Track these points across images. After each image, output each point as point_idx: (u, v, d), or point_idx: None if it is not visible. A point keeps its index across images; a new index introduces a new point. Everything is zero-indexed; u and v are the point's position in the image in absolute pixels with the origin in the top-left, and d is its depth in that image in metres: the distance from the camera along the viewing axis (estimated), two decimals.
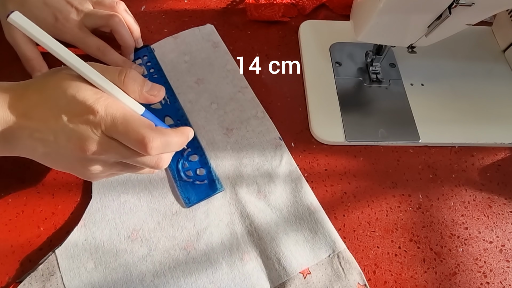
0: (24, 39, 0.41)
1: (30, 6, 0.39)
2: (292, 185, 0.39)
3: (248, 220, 0.37)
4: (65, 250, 0.34)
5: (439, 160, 0.42)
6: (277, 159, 0.40)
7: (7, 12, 0.35)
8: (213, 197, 0.38)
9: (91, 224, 0.35)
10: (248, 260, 0.35)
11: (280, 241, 0.35)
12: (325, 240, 0.36)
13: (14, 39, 0.41)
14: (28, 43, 0.41)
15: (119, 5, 0.43)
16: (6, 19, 0.27)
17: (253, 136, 0.41)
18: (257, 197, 0.38)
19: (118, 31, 0.42)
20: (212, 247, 0.35)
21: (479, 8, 0.33)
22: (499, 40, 0.51)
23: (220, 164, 0.39)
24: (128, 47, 0.44)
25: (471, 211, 0.39)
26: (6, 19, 0.26)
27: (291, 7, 0.52)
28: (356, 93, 0.45)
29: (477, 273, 0.36)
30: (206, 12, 0.51)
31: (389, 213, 0.39)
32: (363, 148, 0.42)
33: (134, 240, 0.35)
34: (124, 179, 0.38)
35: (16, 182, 0.38)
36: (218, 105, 0.43)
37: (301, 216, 0.37)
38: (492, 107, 0.45)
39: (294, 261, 0.35)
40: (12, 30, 0.40)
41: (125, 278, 0.33)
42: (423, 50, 0.41)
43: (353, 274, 0.35)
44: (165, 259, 0.35)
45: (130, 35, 0.43)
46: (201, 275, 0.34)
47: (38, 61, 0.42)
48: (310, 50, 0.48)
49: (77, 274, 0.33)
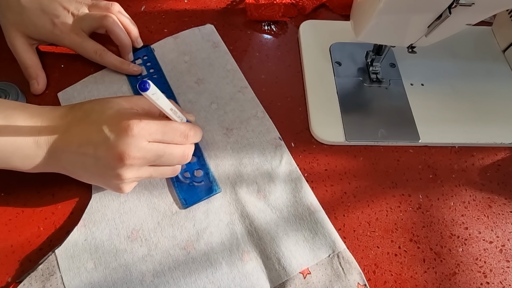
0: (23, 47, 0.41)
1: (28, 13, 0.40)
2: (292, 185, 0.39)
3: (248, 220, 0.37)
4: (65, 250, 0.34)
5: (439, 160, 0.42)
6: (277, 159, 0.40)
7: (5, 19, 0.40)
8: (213, 197, 0.38)
9: (91, 224, 0.35)
10: (248, 260, 0.35)
11: (280, 241, 0.35)
12: (325, 240, 0.36)
13: (13, 46, 0.41)
14: (28, 51, 0.42)
15: (114, 6, 0.44)
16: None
17: (253, 136, 0.41)
18: (257, 197, 0.38)
19: (113, 31, 0.43)
20: (212, 247, 0.35)
21: (479, 8, 0.33)
22: (499, 40, 0.51)
23: (220, 164, 0.39)
24: (125, 47, 0.44)
25: (471, 211, 0.39)
26: (141, 93, 0.28)
27: (291, 7, 0.52)
28: (356, 93, 0.45)
29: (477, 273, 0.36)
30: (206, 12, 0.51)
31: (389, 213, 0.39)
32: (363, 148, 0.42)
33: (134, 240, 0.35)
34: None
35: (16, 182, 0.37)
36: (218, 105, 0.43)
37: (301, 216, 0.37)
38: (492, 107, 0.45)
39: (294, 261, 0.35)
40: (11, 37, 0.41)
41: (125, 278, 0.33)
42: (423, 50, 0.41)
43: (353, 274, 0.35)
44: (165, 259, 0.35)
45: (126, 34, 0.44)
46: (201, 275, 0.34)
47: (36, 69, 0.42)
48: (310, 50, 0.48)
49: (77, 274, 0.33)
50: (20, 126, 0.31)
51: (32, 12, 0.40)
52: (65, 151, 0.31)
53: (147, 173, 0.33)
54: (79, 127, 0.31)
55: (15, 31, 0.41)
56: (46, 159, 0.31)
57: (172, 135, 0.33)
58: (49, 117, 0.32)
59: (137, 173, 0.32)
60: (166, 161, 0.33)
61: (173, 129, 0.33)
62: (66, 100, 0.42)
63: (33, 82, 0.42)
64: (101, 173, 0.32)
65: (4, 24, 0.41)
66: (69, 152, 0.31)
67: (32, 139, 0.31)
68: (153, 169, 0.34)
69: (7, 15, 0.40)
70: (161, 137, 0.32)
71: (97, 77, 0.44)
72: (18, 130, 0.31)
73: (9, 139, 0.30)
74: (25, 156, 0.31)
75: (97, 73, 0.44)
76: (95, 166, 0.31)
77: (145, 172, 0.33)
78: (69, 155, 0.31)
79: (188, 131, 0.34)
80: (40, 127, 0.31)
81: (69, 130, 0.31)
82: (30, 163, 0.32)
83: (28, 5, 0.40)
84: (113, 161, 0.30)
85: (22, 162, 0.31)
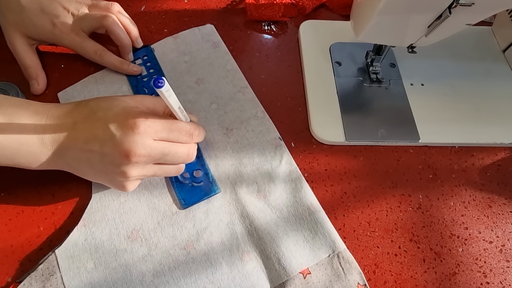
0: (23, 47, 0.41)
1: (28, 13, 0.40)
2: (292, 185, 0.39)
3: (248, 220, 0.37)
4: (65, 250, 0.34)
5: (439, 160, 0.42)
6: (277, 159, 0.40)
7: (5, 19, 0.40)
8: (213, 197, 0.38)
9: (91, 224, 0.35)
10: (248, 260, 0.35)
11: (280, 241, 0.35)
12: (325, 240, 0.36)
13: (13, 46, 0.41)
14: (27, 51, 0.42)
15: (114, 6, 0.44)
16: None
17: (253, 136, 0.41)
18: (257, 197, 0.38)
19: (113, 31, 0.43)
20: (212, 247, 0.35)
21: (479, 8, 0.33)
22: (499, 40, 0.51)
23: (220, 164, 0.39)
24: (125, 47, 0.44)
25: (471, 211, 0.39)
26: (156, 90, 0.29)
27: (291, 7, 0.52)
28: (356, 93, 0.45)
29: (477, 273, 0.36)
30: (206, 12, 0.51)
31: (389, 213, 0.39)
32: (363, 148, 0.42)
33: (134, 240, 0.35)
34: None
35: (16, 182, 0.38)
36: (218, 105, 0.43)
37: (301, 216, 0.37)
38: (492, 107, 0.45)
39: (294, 261, 0.35)
40: (11, 37, 0.41)
41: (125, 278, 0.33)
42: (423, 50, 0.41)
43: (353, 274, 0.35)
44: (165, 259, 0.35)
45: (126, 34, 0.44)
46: (201, 275, 0.34)
47: (36, 69, 0.42)
48: (310, 50, 0.48)
49: (77, 274, 0.33)
50: (24, 123, 0.31)
51: (32, 12, 0.40)
52: (71, 148, 0.31)
53: (152, 171, 0.33)
54: (85, 124, 0.31)
55: (14, 31, 0.41)
56: (51, 156, 0.31)
57: (178, 134, 0.33)
58: (54, 114, 0.32)
59: (142, 171, 0.32)
60: (171, 160, 0.33)
61: (178, 128, 0.33)
62: (66, 100, 0.42)
63: (33, 82, 0.42)
64: (106, 170, 0.32)
65: (4, 24, 0.41)
66: (75, 149, 0.31)
67: (37, 137, 0.31)
68: (157, 167, 0.34)
69: (7, 15, 0.40)
70: (167, 135, 0.32)
71: (97, 77, 0.44)
72: (23, 127, 0.31)
73: (14, 137, 0.30)
74: (30, 153, 0.31)
75: (97, 73, 0.44)
76: (101, 163, 0.31)
77: (149, 170, 0.33)
78: (75, 152, 0.31)
79: (193, 130, 0.34)
80: (44, 124, 0.31)
81: (75, 127, 0.31)
82: (35, 161, 0.32)
83: (28, 5, 0.40)
84: (119, 158, 0.30)
85: (27, 159, 0.31)
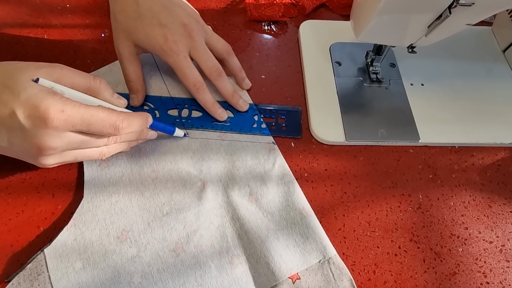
0: (130, 58, 0.40)
1: (144, 21, 0.38)
2: (285, 189, 0.38)
3: (238, 223, 0.36)
4: (54, 250, 0.34)
5: (439, 160, 0.42)
6: (270, 163, 0.39)
7: (117, 22, 0.39)
8: (204, 199, 0.37)
9: (81, 224, 0.35)
10: (238, 263, 0.34)
11: (270, 245, 0.35)
12: (316, 245, 0.35)
13: (120, 55, 0.40)
14: (133, 63, 0.41)
15: (231, 56, 0.44)
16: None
17: (247, 139, 0.41)
18: (248, 200, 0.37)
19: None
20: (201, 250, 0.35)
21: (479, 8, 0.33)
22: (499, 40, 0.51)
23: (212, 166, 0.39)
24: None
25: (471, 211, 0.39)
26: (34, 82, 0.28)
27: (291, 7, 0.52)
28: (356, 93, 0.45)
29: (477, 273, 0.36)
30: (206, 12, 0.51)
31: (389, 213, 0.39)
32: (363, 148, 0.42)
33: (123, 241, 0.35)
34: (116, 179, 0.38)
35: (16, 182, 0.38)
36: None
37: (292, 220, 0.36)
38: (492, 107, 0.45)
39: (283, 266, 0.34)
40: (121, 46, 0.39)
41: (113, 279, 0.33)
42: (423, 50, 0.41)
43: (343, 280, 0.34)
44: (154, 260, 0.34)
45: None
46: (189, 278, 0.33)
47: (137, 85, 0.41)
48: (310, 50, 0.48)
49: (65, 274, 0.33)
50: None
51: (148, 21, 0.38)
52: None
53: (72, 157, 0.32)
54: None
55: (125, 39, 0.39)
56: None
57: (100, 127, 0.30)
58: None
59: (60, 159, 0.31)
60: (92, 145, 0.32)
61: (100, 119, 0.30)
62: None
63: (133, 96, 0.42)
64: (18, 155, 0.31)
65: (115, 28, 0.39)
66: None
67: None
68: (78, 152, 0.32)
69: (120, 18, 0.38)
70: (87, 128, 0.30)
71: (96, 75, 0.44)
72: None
73: None
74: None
75: (96, 71, 0.44)
76: (10, 150, 0.30)
77: (68, 157, 0.32)
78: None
79: (119, 122, 0.31)
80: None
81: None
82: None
83: (146, 12, 0.38)
84: (31, 150, 0.29)
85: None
